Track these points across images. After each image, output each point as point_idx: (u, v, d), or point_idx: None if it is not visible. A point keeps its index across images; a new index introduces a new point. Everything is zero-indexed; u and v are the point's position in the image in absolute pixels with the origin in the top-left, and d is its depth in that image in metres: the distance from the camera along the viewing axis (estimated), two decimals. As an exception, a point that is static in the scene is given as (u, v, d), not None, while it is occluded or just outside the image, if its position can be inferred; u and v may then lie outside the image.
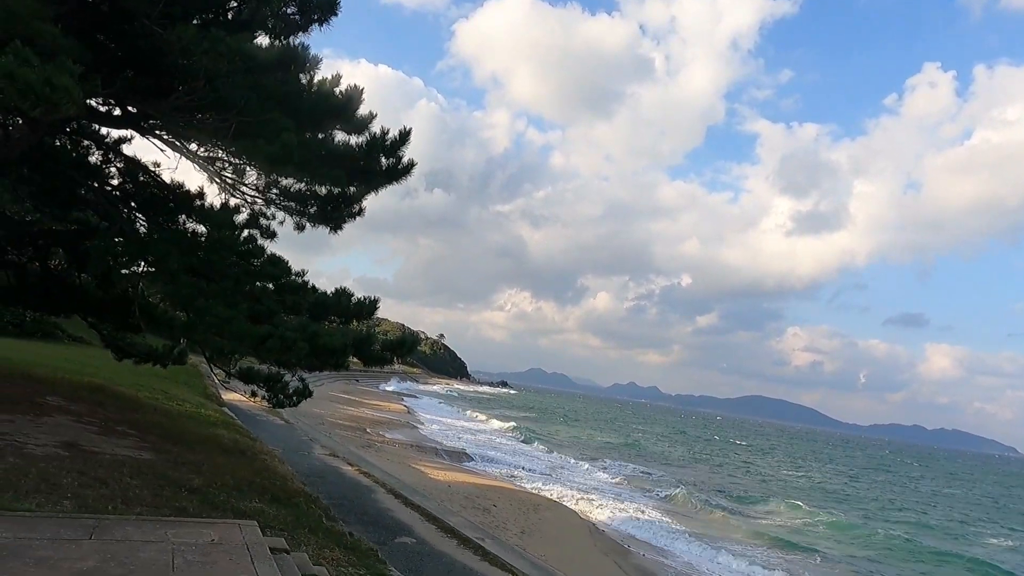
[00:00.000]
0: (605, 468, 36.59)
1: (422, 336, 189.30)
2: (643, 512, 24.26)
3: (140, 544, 4.81)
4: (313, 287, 11.30)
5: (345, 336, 10.21)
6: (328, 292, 11.17)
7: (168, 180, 10.63)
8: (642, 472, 37.78)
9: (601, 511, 22.81)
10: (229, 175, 10.16)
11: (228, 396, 23.34)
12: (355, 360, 10.96)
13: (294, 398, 11.73)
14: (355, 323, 11.51)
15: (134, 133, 10.48)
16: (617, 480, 32.47)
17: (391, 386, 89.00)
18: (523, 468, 30.59)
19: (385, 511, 13.27)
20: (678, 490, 30.78)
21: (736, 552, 19.93)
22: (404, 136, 9.81)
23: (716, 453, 64.81)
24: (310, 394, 12.10)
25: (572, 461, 37.23)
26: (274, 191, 10.66)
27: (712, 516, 26.19)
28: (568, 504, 22.53)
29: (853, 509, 35.74)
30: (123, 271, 10.52)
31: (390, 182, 10.20)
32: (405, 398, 69.82)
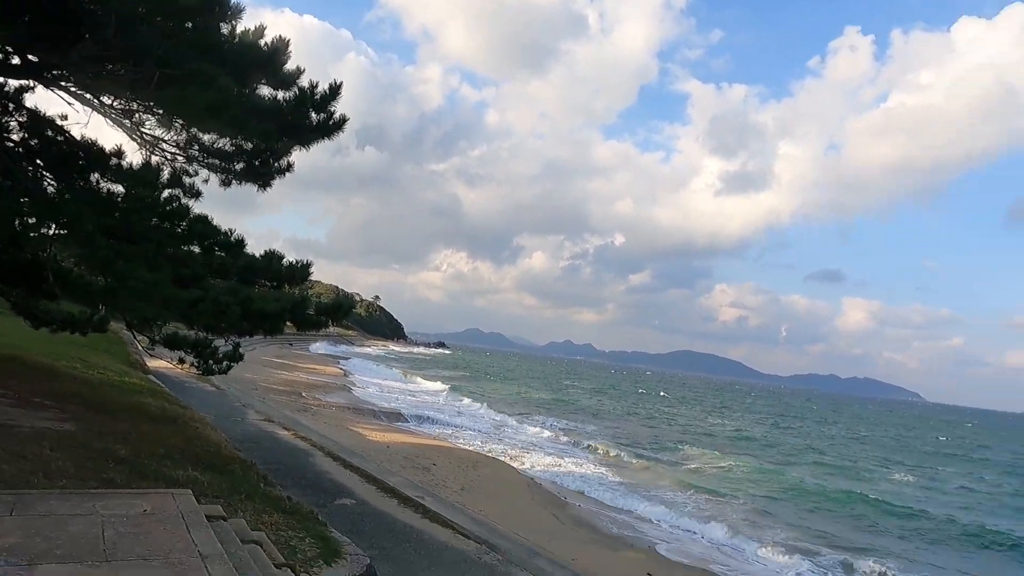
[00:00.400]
0: (540, 424, 37.51)
1: (357, 298, 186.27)
2: (578, 465, 25.11)
3: (67, 518, 4.64)
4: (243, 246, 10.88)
5: (280, 300, 9.95)
6: (257, 255, 10.79)
7: (79, 136, 9.91)
8: (575, 427, 38.97)
9: (538, 466, 23.46)
10: (148, 131, 9.56)
11: (153, 363, 22.47)
12: (288, 324, 10.72)
13: (224, 363, 11.40)
14: (287, 287, 11.20)
15: (37, 83, 9.68)
16: (552, 435, 33.35)
17: (321, 348, 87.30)
18: (461, 427, 31.00)
19: (324, 474, 13.23)
20: (607, 442, 32.03)
21: (665, 500, 20.97)
22: (334, 90, 9.45)
23: (644, 406, 67.34)
24: (241, 358, 11.78)
25: (508, 418, 37.95)
26: (196, 147, 10.13)
27: (641, 466, 27.34)
28: (506, 460, 23.04)
29: (772, 455, 38.06)
30: (32, 233, 9.83)
31: (321, 138, 9.85)
32: (341, 361, 68.99)
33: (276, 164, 10.31)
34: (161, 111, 9.12)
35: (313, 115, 9.44)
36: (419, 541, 9.77)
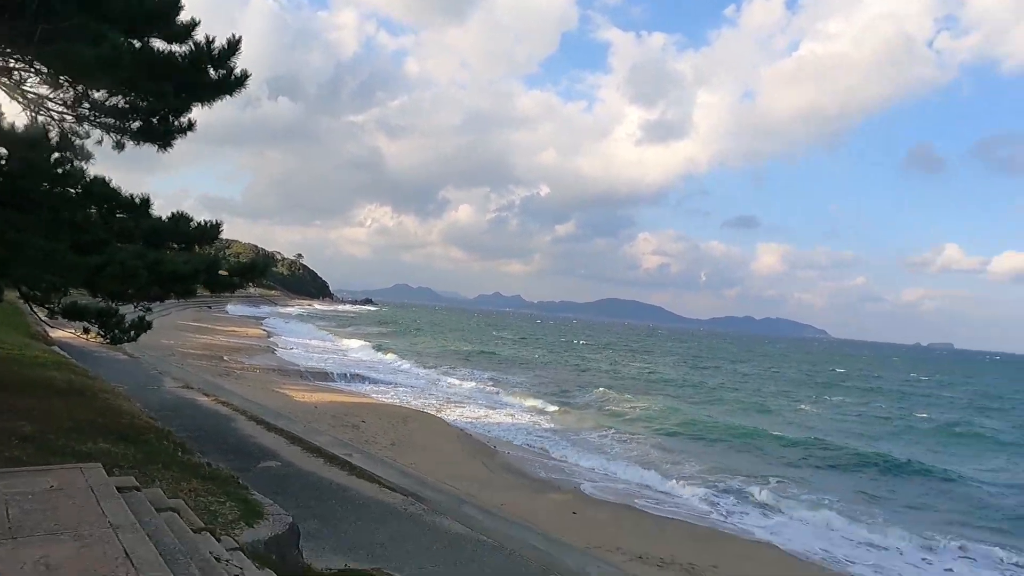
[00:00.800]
0: (468, 376, 38.12)
1: (278, 257, 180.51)
2: (506, 415, 25.82)
3: (-34, 499, 4.52)
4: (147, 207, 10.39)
5: (192, 262, 9.64)
6: (164, 217, 10.35)
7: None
8: (501, 377, 39.80)
9: (467, 417, 23.96)
10: (31, 89, 8.89)
11: (57, 334, 21.29)
12: (200, 287, 10.44)
13: (131, 332, 10.98)
14: (197, 248, 10.84)
15: None
16: (479, 386, 34.00)
17: (242, 310, 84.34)
18: (390, 383, 31.12)
19: (247, 438, 13.14)
20: (533, 391, 33.02)
21: (589, 442, 21.99)
22: (233, 45, 9.02)
23: (568, 354, 69.33)
24: (149, 326, 11.37)
25: (436, 372, 38.34)
26: (86, 106, 9.51)
27: (565, 412, 28.35)
28: (436, 413, 23.40)
29: (689, 394, 40.22)
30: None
31: (221, 95, 9.41)
32: (264, 322, 67.20)
33: (176, 122, 9.82)
34: (45, 69, 8.49)
35: (212, 71, 9.01)
36: (344, 497, 9.96)
